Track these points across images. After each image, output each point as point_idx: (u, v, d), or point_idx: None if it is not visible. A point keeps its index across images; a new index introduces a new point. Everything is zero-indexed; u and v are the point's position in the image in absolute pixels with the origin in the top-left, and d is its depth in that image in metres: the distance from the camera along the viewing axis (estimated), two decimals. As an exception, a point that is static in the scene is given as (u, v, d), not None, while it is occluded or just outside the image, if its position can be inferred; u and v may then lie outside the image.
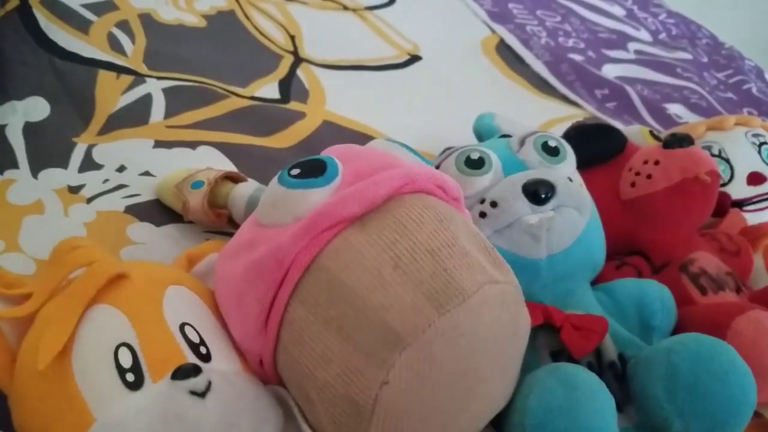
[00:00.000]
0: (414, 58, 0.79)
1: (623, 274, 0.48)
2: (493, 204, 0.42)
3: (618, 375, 0.39)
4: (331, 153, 0.36)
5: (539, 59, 0.87)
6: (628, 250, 0.51)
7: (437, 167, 0.45)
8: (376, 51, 0.77)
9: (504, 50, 0.88)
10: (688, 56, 1.04)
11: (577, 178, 0.46)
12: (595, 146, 0.53)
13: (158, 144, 0.53)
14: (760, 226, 0.58)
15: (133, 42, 0.63)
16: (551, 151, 0.45)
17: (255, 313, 0.31)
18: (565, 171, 0.45)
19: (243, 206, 0.44)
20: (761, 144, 0.62)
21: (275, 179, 0.34)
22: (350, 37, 0.78)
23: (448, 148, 0.48)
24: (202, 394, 0.27)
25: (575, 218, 0.43)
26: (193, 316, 0.32)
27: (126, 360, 0.28)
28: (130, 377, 0.28)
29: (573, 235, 0.43)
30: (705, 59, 1.06)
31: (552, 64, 0.87)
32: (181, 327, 0.30)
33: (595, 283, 0.47)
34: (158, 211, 0.47)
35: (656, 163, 0.49)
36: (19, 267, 0.40)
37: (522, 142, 0.46)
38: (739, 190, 0.59)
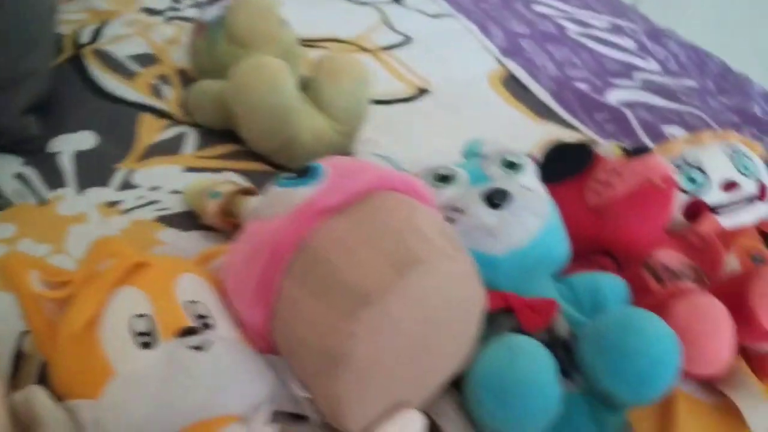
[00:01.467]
0: (423, 92, 0.87)
1: (588, 270, 0.54)
2: (458, 210, 0.49)
3: (568, 348, 0.45)
4: (324, 162, 0.43)
5: (544, 88, 0.94)
6: (596, 250, 0.57)
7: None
8: (387, 87, 0.85)
9: (510, 82, 0.95)
10: (693, 83, 1.09)
11: (537, 187, 0.53)
12: (568, 161, 0.60)
13: (187, 169, 0.62)
14: (734, 229, 0.62)
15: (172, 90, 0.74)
16: (510, 165, 0.52)
17: (253, 289, 0.38)
18: (523, 181, 0.51)
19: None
20: (736, 154, 0.67)
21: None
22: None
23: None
24: (201, 349, 0.34)
25: (530, 220, 0.49)
26: (200, 296, 0.39)
27: (143, 327, 0.36)
28: (145, 339, 0.36)
29: (529, 235, 0.49)
30: (711, 85, 1.10)
31: (556, 92, 0.94)
32: (190, 302, 0.38)
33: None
34: (185, 220, 0.55)
35: (617, 172, 0.55)
36: (63, 265, 0.48)
37: (489, 159, 0.53)
38: (714, 197, 0.64)
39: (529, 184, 0.52)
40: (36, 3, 0.63)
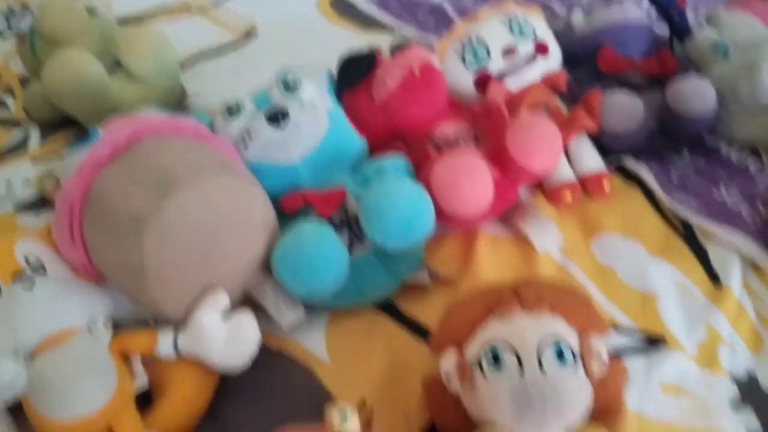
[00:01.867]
0: (249, 35, 0.94)
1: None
2: (248, 134, 0.59)
3: (358, 222, 0.56)
4: (108, 125, 0.53)
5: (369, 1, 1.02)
6: (392, 138, 0.68)
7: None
8: (213, 40, 0.93)
9: (337, 3, 1.02)
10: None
11: (316, 98, 0.62)
12: (356, 68, 0.69)
13: (34, 162, 0.72)
14: (521, 91, 0.72)
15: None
16: (287, 86, 0.61)
17: (67, 239, 0.49)
18: (302, 96, 0.61)
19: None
20: (511, 21, 0.75)
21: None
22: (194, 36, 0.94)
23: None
24: (31, 285, 0.45)
25: (311, 128, 0.59)
26: (35, 253, 0.50)
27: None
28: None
29: (314, 140, 0.60)
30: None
31: (379, 1, 1.02)
32: (25, 258, 0.49)
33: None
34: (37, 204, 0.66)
35: (387, 70, 0.65)
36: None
37: (272, 84, 0.63)
38: (497, 65, 0.72)
39: (307, 97, 0.62)
40: None
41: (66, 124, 0.75)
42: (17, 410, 0.46)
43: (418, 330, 0.56)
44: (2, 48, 0.91)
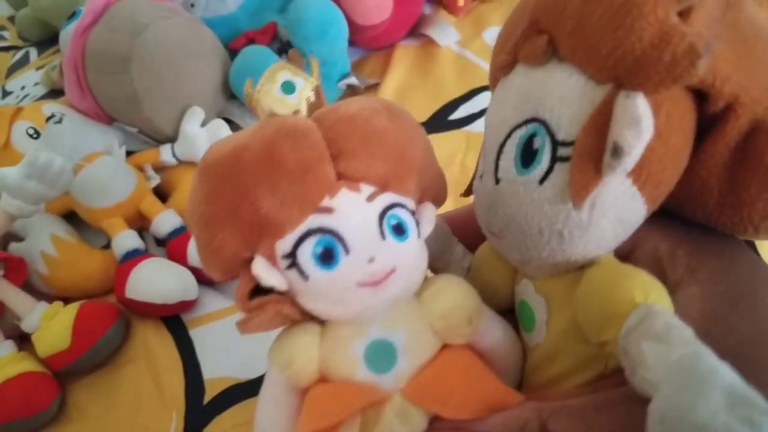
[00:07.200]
0: None
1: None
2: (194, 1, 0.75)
3: (291, 45, 0.73)
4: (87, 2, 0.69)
5: None
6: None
7: None
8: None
9: None
10: None
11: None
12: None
13: (37, 69, 0.89)
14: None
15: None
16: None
17: (77, 88, 0.66)
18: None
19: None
20: None
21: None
22: None
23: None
24: (60, 121, 0.63)
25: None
26: (58, 110, 0.68)
27: (31, 131, 0.65)
28: (31, 132, 0.65)
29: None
30: None
31: None
32: (52, 113, 0.67)
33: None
34: (49, 94, 0.83)
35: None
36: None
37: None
38: None
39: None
40: None
41: (55, 39, 0.92)
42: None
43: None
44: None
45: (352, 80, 0.75)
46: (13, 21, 0.98)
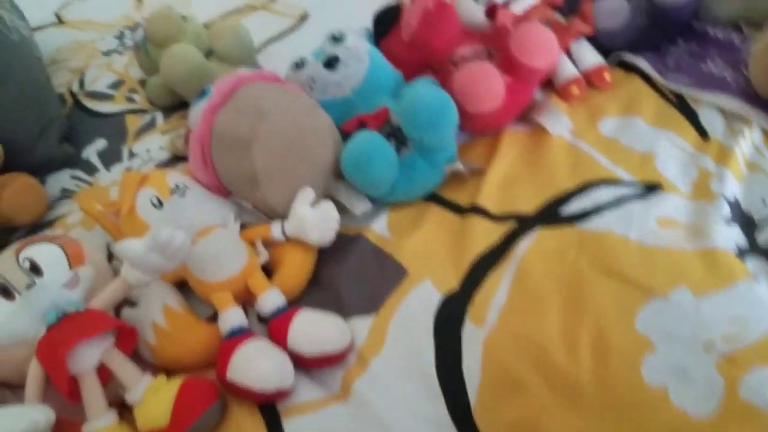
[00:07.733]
0: (303, 19, 1.15)
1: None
2: (312, 80, 0.78)
3: (401, 131, 0.74)
4: (216, 82, 0.73)
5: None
6: (424, 67, 0.85)
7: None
8: (277, 27, 1.14)
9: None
10: None
11: (358, 44, 0.80)
12: (385, 19, 0.87)
13: (162, 134, 0.95)
14: (524, 12, 0.87)
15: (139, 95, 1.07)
16: (335, 39, 0.80)
17: (201, 165, 0.70)
18: (347, 45, 0.79)
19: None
20: None
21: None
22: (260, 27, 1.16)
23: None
24: (183, 195, 0.67)
25: (357, 67, 0.77)
26: (179, 180, 0.71)
27: (155, 200, 0.68)
28: (155, 203, 0.68)
29: (360, 75, 0.77)
30: None
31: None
32: (173, 183, 0.70)
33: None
34: (171, 160, 0.89)
35: (408, 12, 0.82)
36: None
37: (324, 41, 0.81)
38: None
39: (351, 45, 0.80)
40: (37, 78, 0.98)
41: (180, 106, 0.98)
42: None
43: (458, 209, 0.72)
44: (121, 61, 1.17)
45: (458, 166, 0.74)
46: (143, 85, 1.05)
